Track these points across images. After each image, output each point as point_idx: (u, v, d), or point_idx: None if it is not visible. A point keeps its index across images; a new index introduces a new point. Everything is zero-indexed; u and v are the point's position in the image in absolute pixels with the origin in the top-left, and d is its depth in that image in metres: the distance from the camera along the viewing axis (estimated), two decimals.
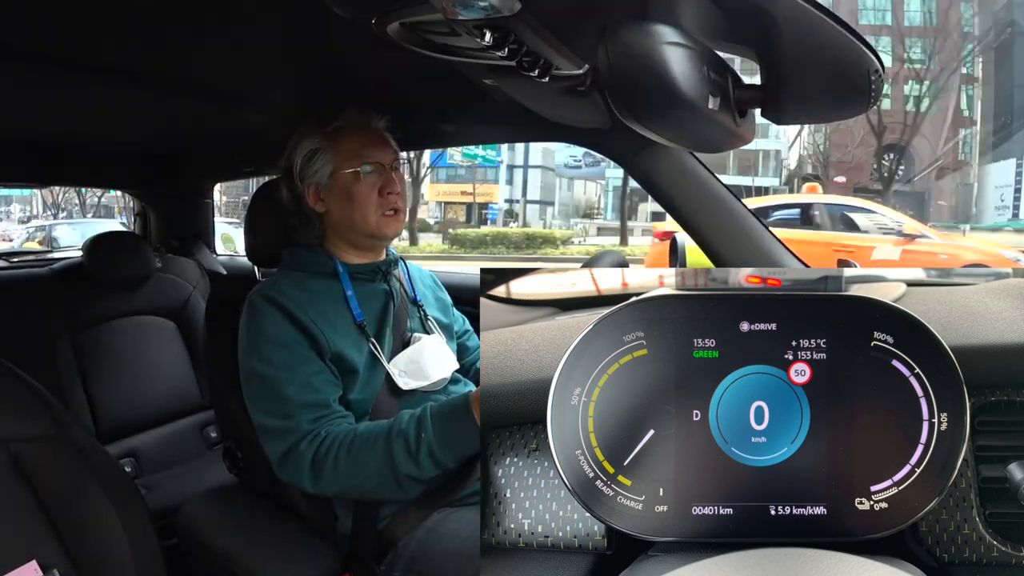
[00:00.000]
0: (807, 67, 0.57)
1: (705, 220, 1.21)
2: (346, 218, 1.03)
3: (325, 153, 1.02)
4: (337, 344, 0.97)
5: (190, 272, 1.93)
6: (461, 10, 0.57)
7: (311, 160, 1.03)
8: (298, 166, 1.04)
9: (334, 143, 1.03)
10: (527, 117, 1.08)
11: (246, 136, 1.60)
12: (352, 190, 1.02)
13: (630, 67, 0.52)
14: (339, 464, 0.89)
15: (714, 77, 0.57)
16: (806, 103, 0.61)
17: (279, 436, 0.93)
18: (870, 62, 0.56)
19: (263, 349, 0.95)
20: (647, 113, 0.56)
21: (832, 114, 0.64)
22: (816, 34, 0.55)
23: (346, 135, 1.03)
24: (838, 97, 0.60)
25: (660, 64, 0.51)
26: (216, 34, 0.91)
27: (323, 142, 1.03)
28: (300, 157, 1.03)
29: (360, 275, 1.06)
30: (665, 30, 0.52)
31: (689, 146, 1.08)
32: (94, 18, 0.84)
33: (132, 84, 1.12)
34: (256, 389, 0.96)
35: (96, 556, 0.82)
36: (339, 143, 1.03)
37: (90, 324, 1.69)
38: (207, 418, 1.86)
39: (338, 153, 1.02)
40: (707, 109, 0.55)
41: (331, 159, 1.02)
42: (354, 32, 0.72)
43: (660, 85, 0.52)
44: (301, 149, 1.04)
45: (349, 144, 1.03)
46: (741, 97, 0.62)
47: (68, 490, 0.83)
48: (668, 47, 0.51)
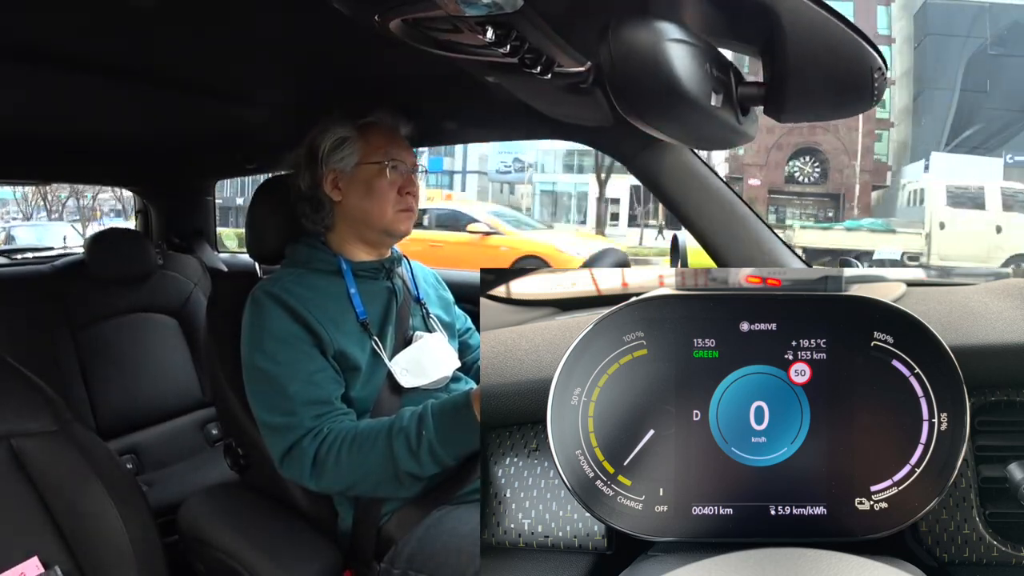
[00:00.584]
0: (810, 65, 0.57)
1: (706, 218, 1.21)
2: (362, 210, 1.04)
3: (354, 143, 1.04)
4: (340, 341, 0.97)
5: (191, 269, 1.93)
6: (464, 7, 0.57)
7: (339, 147, 1.04)
8: (325, 150, 1.04)
9: (364, 135, 1.05)
10: (529, 115, 1.08)
11: (248, 134, 1.60)
12: (374, 183, 1.03)
13: (632, 64, 0.52)
14: (341, 461, 0.90)
15: (717, 74, 0.57)
16: (808, 101, 0.60)
17: (281, 433, 0.93)
18: (873, 60, 0.56)
19: (266, 345, 0.95)
20: (649, 110, 0.56)
21: (834, 112, 0.64)
22: (819, 32, 0.55)
23: (376, 131, 1.06)
24: (840, 95, 0.60)
25: (663, 61, 0.51)
26: (218, 32, 0.91)
27: (354, 132, 1.04)
28: (329, 142, 1.04)
29: (363, 273, 1.06)
30: (668, 27, 0.51)
31: (691, 143, 1.08)
32: (96, 16, 0.84)
33: (134, 81, 1.12)
34: (259, 386, 0.96)
35: (97, 553, 0.82)
36: (369, 136, 1.05)
37: (91, 321, 1.69)
38: (208, 415, 1.86)
39: (367, 145, 1.04)
40: (710, 106, 0.55)
41: (359, 149, 1.04)
42: (356, 30, 0.72)
43: (662, 82, 0.51)
44: (331, 135, 1.04)
45: (379, 139, 1.05)
46: (743, 94, 0.62)
47: (69, 486, 0.84)
48: (671, 44, 0.51)
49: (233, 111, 1.35)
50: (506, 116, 1.29)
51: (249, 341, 0.98)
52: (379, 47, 0.92)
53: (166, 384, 1.81)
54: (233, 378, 1.05)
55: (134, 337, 1.76)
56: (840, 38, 0.55)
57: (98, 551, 0.82)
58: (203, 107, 1.34)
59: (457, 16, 0.60)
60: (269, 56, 1.03)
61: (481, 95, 1.05)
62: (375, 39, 0.71)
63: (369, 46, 0.92)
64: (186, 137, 1.79)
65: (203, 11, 0.82)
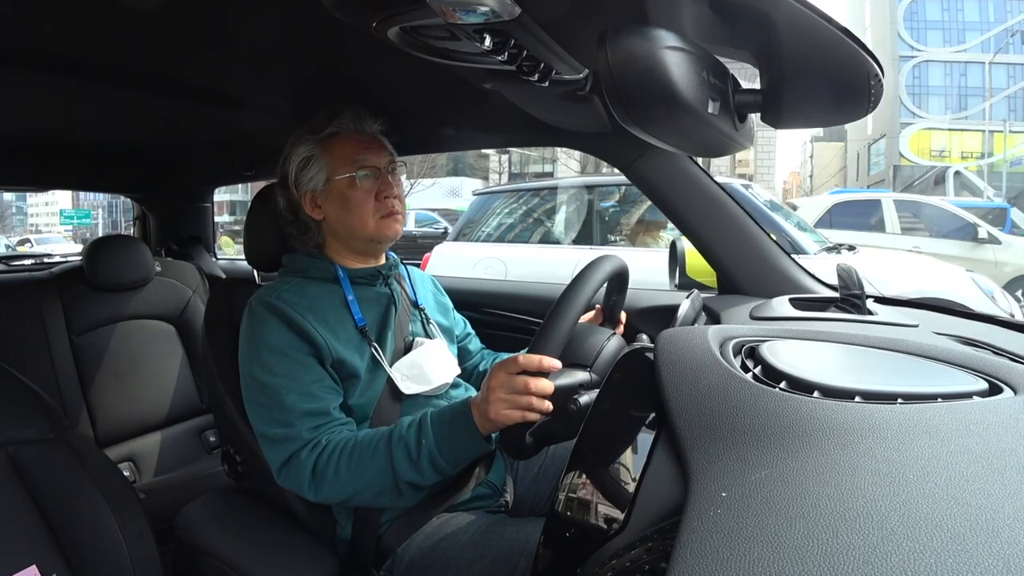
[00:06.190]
0: (806, 72, 0.57)
1: (704, 224, 1.22)
2: (344, 224, 1.03)
3: (319, 160, 1.02)
4: (338, 350, 0.97)
5: (189, 276, 1.93)
6: (461, 14, 0.57)
7: (305, 168, 1.02)
8: (293, 175, 1.03)
9: (328, 149, 1.02)
10: (526, 122, 1.08)
11: (246, 140, 1.60)
12: (348, 196, 1.01)
13: (630, 71, 0.52)
14: (340, 472, 0.89)
15: (714, 82, 0.57)
16: (806, 108, 0.61)
17: (279, 444, 0.92)
18: (869, 67, 0.56)
19: (264, 357, 0.95)
20: (647, 117, 0.56)
21: (831, 118, 0.64)
22: (815, 39, 0.55)
23: (340, 141, 1.03)
24: (837, 102, 0.60)
25: (660, 68, 0.51)
26: (216, 38, 0.91)
27: (317, 149, 1.02)
28: (294, 165, 1.03)
29: (361, 279, 1.06)
30: (665, 34, 0.52)
31: (689, 151, 1.08)
32: (95, 22, 0.84)
33: (132, 88, 1.12)
34: (257, 397, 0.96)
35: (94, 561, 0.81)
36: (333, 149, 1.02)
37: (89, 328, 1.69)
38: (206, 422, 1.86)
39: (332, 159, 1.02)
40: (707, 114, 0.55)
41: (326, 166, 1.02)
42: (354, 37, 0.72)
43: (660, 89, 0.51)
44: (295, 157, 1.03)
45: (343, 150, 1.02)
46: (741, 102, 0.62)
47: (66, 494, 0.83)
48: (668, 51, 0.51)
49: (232, 118, 1.36)
50: (504, 123, 1.29)
51: (247, 352, 0.98)
52: (377, 54, 0.92)
53: (164, 391, 1.80)
54: (231, 385, 1.04)
55: (132, 344, 1.75)
56: (836, 45, 0.56)
57: (95, 559, 0.82)
58: (201, 114, 1.34)
59: (455, 24, 0.60)
60: (267, 63, 1.03)
61: (479, 102, 1.05)
62: (373, 46, 0.71)
63: (367, 53, 0.92)
64: (184, 143, 1.79)
65: (202, 18, 0.83)
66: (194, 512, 1.11)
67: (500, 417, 0.82)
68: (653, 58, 0.51)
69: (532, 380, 0.80)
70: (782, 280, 1.18)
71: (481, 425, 0.85)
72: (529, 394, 0.80)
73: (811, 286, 1.18)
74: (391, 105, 1.12)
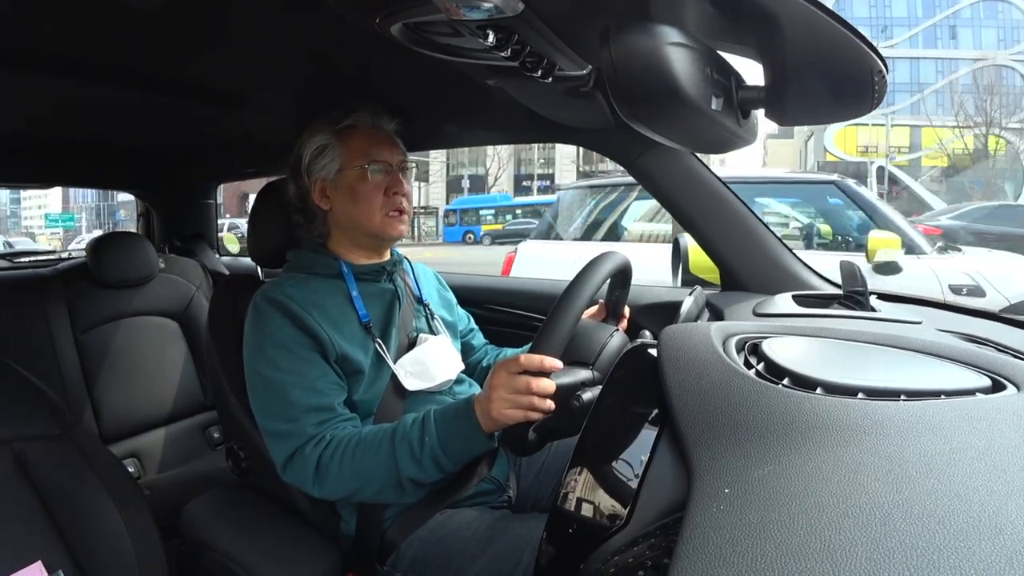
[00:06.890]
0: (810, 68, 0.57)
1: (707, 221, 1.21)
2: (350, 216, 1.04)
3: (334, 149, 1.03)
4: (342, 345, 0.97)
5: (193, 273, 1.93)
6: (464, 11, 0.57)
7: (320, 155, 1.04)
8: (306, 160, 1.04)
9: (343, 140, 1.04)
10: (530, 118, 1.08)
11: (249, 137, 1.60)
12: (358, 188, 1.02)
13: (633, 68, 0.52)
14: (344, 468, 0.89)
15: (717, 78, 0.57)
16: (809, 104, 0.60)
17: (284, 440, 0.93)
18: (873, 63, 0.56)
19: (268, 353, 0.95)
20: (650, 114, 0.56)
21: (835, 115, 0.64)
22: (819, 35, 0.55)
23: (356, 134, 1.04)
24: (841, 98, 0.60)
25: (663, 65, 0.51)
26: (219, 35, 0.91)
27: (333, 139, 1.04)
28: (309, 152, 1.04)
29: (365, 275, 1.06)
30: (668, 31, 0.52)
31: (692, 147, 1.08)
32: (98, 20, 0.84)
33: (136, 86, 1.12)
34: (261, 392, 0.96)
35: (99, 557, 0.82)
36: (348, 141, 1.04)
37: (93, 324, 1.69)
38: (210, 418, 1.86)
39: (347, 150, 1.03)
40: (710, 110, 0.55)
41: (339, 155, 1.03)
42: (356, 33, 0.72)
43: (663, 86, 0.51)
44: (311, 144, 1.04)
45: (358, 143, 1.04)
46: (744, 98, 0.62)
47: (71, 490, 0.84)
48: (671, 48, 0.51)
49: (234, 115, 1.36)
50: (507, 119, 1.29)
51: (251, 348, 0.98)
52: (380, 51, 0.92)
53: (168, 387, 1.81)
54: (235, 381, 1.05)
55: (136, 340, 1.76)
56: (840, 40, 0.55)
57: (100, 555, 0.82)
58: (205, 111, 1.34)
59: (458, 20, 0.60)
60: (270, 60, 1.03)
61: (482, 98, 1.05)
62: (376, 43, 0.71)
63: (369, 50, 0.92)
64: (187, 141, 1.79)
65: (203, 15, 0.83)
66: (198, 508, 1.11)
67: (502, 416, 0.82)
68: (656, 54, 0.51)
69: (534, 380, 0.80)
70: (785, 276, 1.18)
71: (484, 423, 0.85)
72: (531, 394, 0.80)
73: (814, 283, 1.18)
74: (393, 102, 1.12)
